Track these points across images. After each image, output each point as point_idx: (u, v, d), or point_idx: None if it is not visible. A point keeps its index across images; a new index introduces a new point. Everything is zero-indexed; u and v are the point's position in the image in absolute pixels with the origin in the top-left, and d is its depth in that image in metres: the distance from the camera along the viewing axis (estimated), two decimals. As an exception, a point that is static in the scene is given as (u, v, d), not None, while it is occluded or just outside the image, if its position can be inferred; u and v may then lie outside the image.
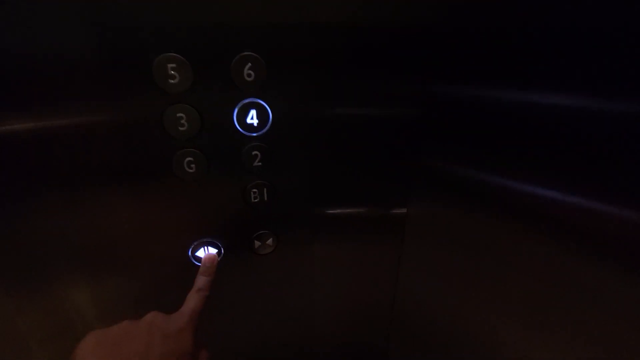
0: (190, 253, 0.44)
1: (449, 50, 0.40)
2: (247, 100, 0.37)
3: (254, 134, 0.39)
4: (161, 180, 0.40)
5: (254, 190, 0.43)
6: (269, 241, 0.47)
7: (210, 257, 0.42)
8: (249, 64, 0.36)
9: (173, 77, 0.34)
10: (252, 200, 0.43)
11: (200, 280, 0.39)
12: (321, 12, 0.36)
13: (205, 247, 0.45)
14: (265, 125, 0.39)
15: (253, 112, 0.38)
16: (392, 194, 0.52)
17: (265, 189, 0.43)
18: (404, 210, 0.53)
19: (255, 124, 0.39)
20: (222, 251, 0.45)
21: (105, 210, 0.40)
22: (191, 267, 0.45)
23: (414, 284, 0.56)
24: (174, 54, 0.34)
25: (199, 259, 0.44)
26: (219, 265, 0.43)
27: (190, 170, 0.39)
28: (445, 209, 0.47)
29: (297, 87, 0.39)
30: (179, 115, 0.36)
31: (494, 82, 0.36)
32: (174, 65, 0.34)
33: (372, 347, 0.66)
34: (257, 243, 0.46)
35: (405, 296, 0.58)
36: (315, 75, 0.39)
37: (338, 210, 0.50)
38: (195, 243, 0.44)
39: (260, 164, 0.41)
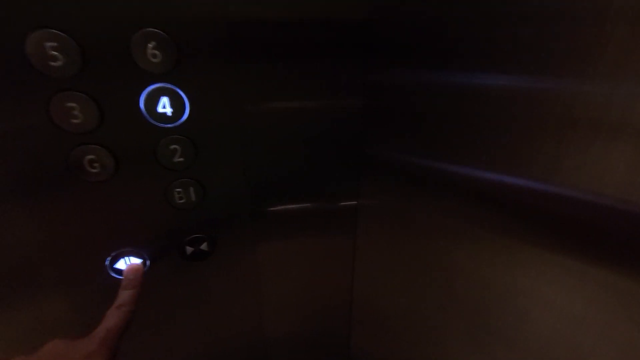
0: (108, 265, 0.38)
1: (385, 37, 0.38)
2: (155, 86, 0.32)
3: (169, 125, 0.34)
4: (61, 185, 0.33)
5: (178, 189, 0.37)
6: (204, 246, 0.42)
7: (132, 268, 0.37)
8: (153, 43, 0.30)
9: (55, 58, 0.28)
10: (177, 201, 0.38)
11: (122, 295, 0.34)
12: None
13: (127, 258, 0.39)
14: (182, 115, 0.34)
15: (165, 100, 0.33)
16: (341, 186, 0.49)
17: (191, 188, 0.38)
18: (354, 203, 0.51)
19: (170, 114, 0.34)
20: (148, 261, 0.40)
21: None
22: (111, 282, 0.39)
23: (370, 274, 0.54)
24: (53, 30, 0.28)
25: (120, 271, 0.39)
26: (147, 277, 0.38)
27: (94, 170, 0.33)
28: (396, 198, 0.45)
29: (219, 72, 0.35)
30: (69, 105, 0.30)
31: (434, 67, 0.34)
32: (54, 44, 0.28)
33: (334, 339, 0.63)
34: (189, 249, 0.41)
35: (363, 286, 0.56)
36: (242, 61, 0.35)
37: (282, 207, 0.46)
38: (113, 254, 0.38)
39: (182, 159, 0.36)
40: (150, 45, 0.30)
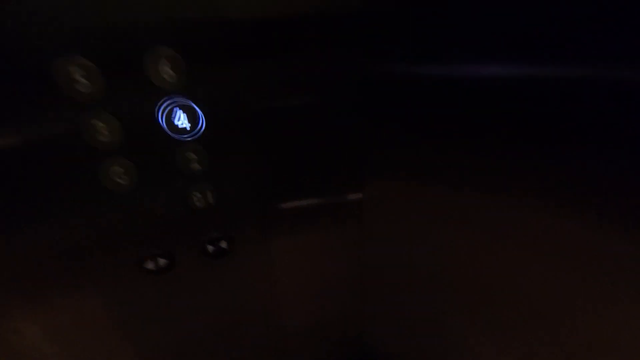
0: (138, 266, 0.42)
1: (382, 30, 0.39)
2: (170, 101, 0.35)
3: (186, 137, 0.37)
4: (89, 195, 0.37)
5: (197, 194, 0.41)
6: (223, 244, 0.45)
7: None
8: (164, 61, 0.33)
9: (81, 83, 0.31)
10: (197, 205, 0.41)
11: None
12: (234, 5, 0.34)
13: (156, 259, 0.43)
14: (197, 126, 0.37)
15: (180, 113, 0.36)
16: (346, 180, 0.51)
17: (209, 193, 0.41)
18: (359, 196, 0.53)
19: (186, 126, 0.37)
20: (175, 260, 0.43)
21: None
22: (140, 281, 0.43)
23: (379, 266, 0.56)
24: (78, 56, 0.31)
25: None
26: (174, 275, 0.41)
27: (122, 182, 0.36)
28: (400, 188, 0.47)
29: (227, 82, 0.37)
30: (94, 122, 0.33)
31: (431, 58, 0.36)
32: (80, 71, 0.31)
33: (347, 332, 0.66)
34: (210, 248, 0.45)
35: (374, 279, 0.59)
36: (244, 67, 0.37)
37: (291, 204, 0.49)
38: (142, 255, 0.42)
39: (198, 166, 0.39)
40: (161, 63, 0.33)
